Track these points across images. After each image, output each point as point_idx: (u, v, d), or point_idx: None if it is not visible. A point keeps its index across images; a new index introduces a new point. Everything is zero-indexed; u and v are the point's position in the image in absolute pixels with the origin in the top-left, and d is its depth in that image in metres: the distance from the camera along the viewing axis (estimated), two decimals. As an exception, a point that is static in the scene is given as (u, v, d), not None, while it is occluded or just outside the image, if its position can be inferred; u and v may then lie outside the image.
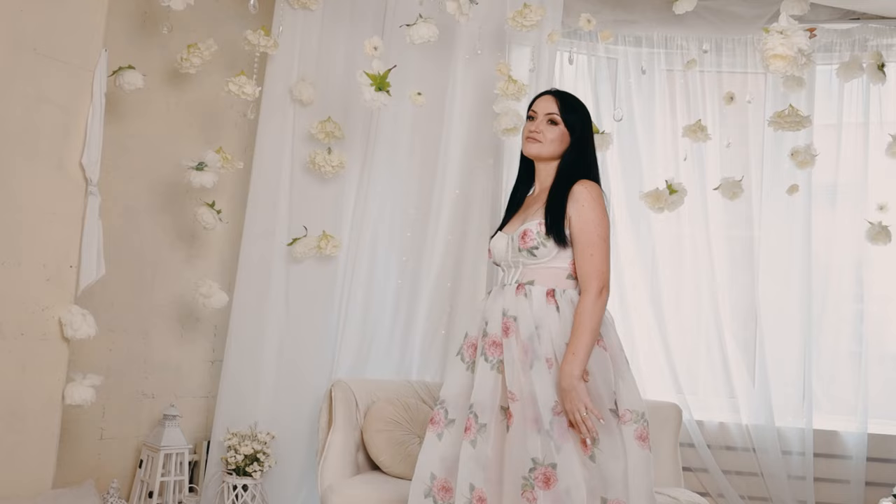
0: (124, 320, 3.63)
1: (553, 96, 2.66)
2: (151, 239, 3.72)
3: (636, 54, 4.38)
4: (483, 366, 2.47)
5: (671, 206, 3.83)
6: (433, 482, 2.46)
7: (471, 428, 2.41)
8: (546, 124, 2.61)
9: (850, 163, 4.28)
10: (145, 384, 3.70)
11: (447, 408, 2.52)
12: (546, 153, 2.61)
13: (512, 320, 2.47)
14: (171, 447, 3.50)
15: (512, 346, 2.44)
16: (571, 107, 2.65)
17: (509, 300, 2.50)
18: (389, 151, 3.83)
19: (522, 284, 2.52)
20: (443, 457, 2.47)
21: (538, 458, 2.33)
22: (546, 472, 2.32)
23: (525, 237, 2.51)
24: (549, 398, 2.38)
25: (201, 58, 3.50)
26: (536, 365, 2.41)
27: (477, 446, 2.40)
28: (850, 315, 4.27)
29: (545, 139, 2.60)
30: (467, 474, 2.38)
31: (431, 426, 2.52)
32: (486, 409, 2.42)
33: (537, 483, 2.31)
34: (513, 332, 2.45)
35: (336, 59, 3.82)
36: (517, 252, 2.53)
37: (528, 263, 2.53)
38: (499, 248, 2.62)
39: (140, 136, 3.68)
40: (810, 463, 4.09)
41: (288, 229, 3.71)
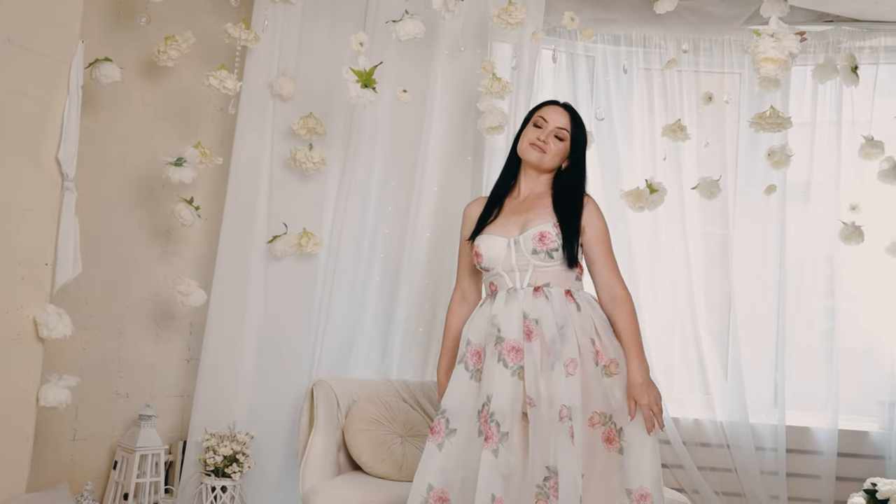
0: (98, 318, 3.55)
1: (566, 111, 2.67)
2: (125, 235, 3.64)
3: (615, 53, 4.39)
4: (502, 372, 2.40)
5: (651, 205, 3.86)
6: (430, 493, 2.39)
7: (492, 437, 2.35)
8: (553, 137, 2.61)
9: (824, 162, 4.34)
10: (119, 383, 3.62)
11: (448, 417, 2.45)
12: (547, 165, 2.63)
13: (534, 323, 2.44)
14: (146, 448, 3.44)
15: (535, 350, 2.41)
16: (580, 125, 2.68)
17: (528, 303, 2.47)
18: (370, 148, 3.79)
19: (540, 287, 2.49)
20: (442, 468, 2.41)
21: (552, 465, 2.33)
22: (557, 482, 2.31)
23: (544, 239, 2.49)
24: (559, 402, 2.36)
25: (179, 50, 3.42)
26: (557, 367, 2.40)
27: (500, 456, 2.34)
28: (822, 312, 4.34)
29: (549, 151, 2.61)
30: (488, 484, 2.32)
31: (432, 436, 2.44)
32: (508, 417, 2.37)
33: (552, 492, 2.31)
34: (536, 336, 2.42)
35: (317, 53, 3.76)
36: (530, 254, 2.50)
37: (542, 266, 2.51)
38: (495, 252, 2.54)
39: (114, 129, 3.59)
40: (783, 459, 4.14)
41: (267, 226, 3.66)
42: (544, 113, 2.65)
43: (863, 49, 4.34)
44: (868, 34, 4.35)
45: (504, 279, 2.53)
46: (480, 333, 2.51)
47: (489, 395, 2.40)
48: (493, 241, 2.55)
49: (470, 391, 2.47)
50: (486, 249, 2.55)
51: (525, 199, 2.64)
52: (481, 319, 2.53)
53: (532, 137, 2.62)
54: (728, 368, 4.29)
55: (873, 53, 4.37)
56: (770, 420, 4.20)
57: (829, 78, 4.03)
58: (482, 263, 2.57)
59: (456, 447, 2.41)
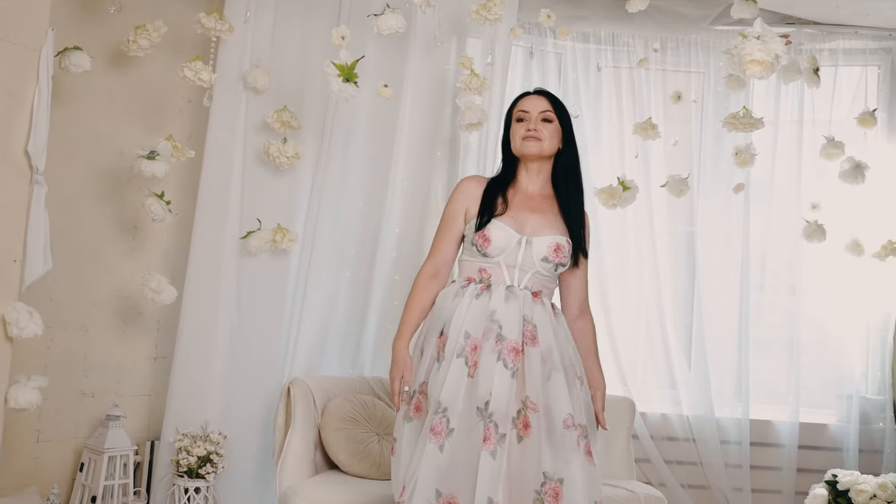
0: (62, 316, 3.44)
1: (542, 95, 2.67)
2: (91, 230, 3.53)
3: (584, 50, 4.42)
4: (502, 372, 2.37)
5: (624, 202, 3.89)
6: (439, 500, 2.31)
7: (490, 438, 2.31)
8: (541, 122, 2.60)
9: (786, 161, 4.44)
10: (85, 383, 3.52)
11: (449, 416, 2.36)
12: (547, 151, 2.61)
13: (534, 328, 2.43)
14: (115, 449, 3.34)
15: (534, 356, 2.40)
16: (560, 105, 2.68)
17: (528, 307, 2.46)
18: (344, 142, 3.74)
19: (538, 293, 2.50)
20: (445, 469, 2.34)
21: (548, 471, 2.32)
22: (555, 488, 2.31)
23: (559, 252, 2.52)
24: (563, 411, 2.37)
25: (150, 40, 3.33)
26: (554, 376, 2.40)
27: (497, 457, 2.31)
28: (784, 308, 4.45)
29: (544, 137, 2.59)
30: (486, 487, 2.28)
31: (433, 437, 2.34)
32: (504, 419, 2.34)
33: (547, 498, 2.30)
34: (536, 342, 2.42)
35: (290, 46, 3.70)
36: (538, 260, 2.50)
37: (543, 274, 2.52)
38: (505, 243, 2.49)
39: (79, 121, 3.48)
40: (746, 451, 4.24)
41: (240, 222, 3.58)
42: (523, 105, 2.65)
43: (822, 51, 4.45)
44: (827, 37, 4.47)
45: (502, 272, 2.50)
46: (478, 327, 2.43)
47: (490, 393, 2.36)
48: (506, 231, 2.51)
49: (465, 386, 2.40)
50: (498, 238, 2.50)
51: (532, 197, 2.61)
52: (478, 312, 2.45)
53: (522, 132, 2.59)
54: (693, 363, 4.36)
55: (832, 56, 4.49)
56: (734, 414, 4.29)
57: (793, 79, 4.11)
58: (487, 249, 2.50)
59: (456, 448, 2.35)
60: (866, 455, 4.23)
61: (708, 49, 4.47)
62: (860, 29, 4.43)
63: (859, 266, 4.27)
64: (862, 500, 3.72)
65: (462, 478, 2.33)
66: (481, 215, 2.55)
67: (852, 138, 4.23)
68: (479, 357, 2.40)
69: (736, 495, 4.21)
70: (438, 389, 2.40)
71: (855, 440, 4.23)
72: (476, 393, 2.38)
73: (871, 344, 4.37)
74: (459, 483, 2.33)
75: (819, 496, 3.86)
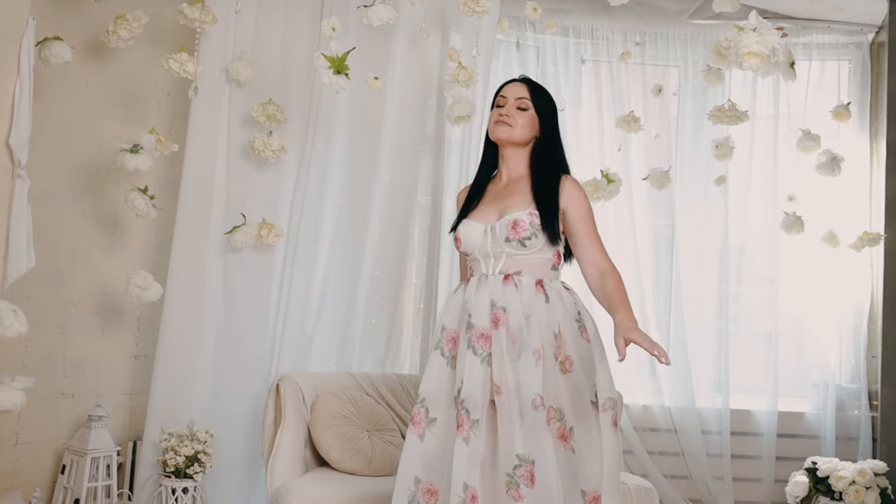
0: (41, 314, 3.34)
1: (523, 83, 2.65)
2: (70, 226, 3.44)
3: (563, 44, 4.43)
4: (472, 359, 2.38)
5: (608, 195, 3.91)
6: (417, 486, 2.34)
7: (463, 425, 2.33)
8: (516, 109, 2.59)
9: (762, 153, 4.49)
10: (64, 383, 3.43)
11: (428, 406, 2.41)
12: (517, 137, 2.58)
13: (501, 311, 2.42)
14: (98, 450, 3.27)
15: (501, 338, 2.39)
16: (540, 94, 2.65)
17: (497, 291, 2.45)
18: (329, 136, 3.69)
19: (510, 275, 2.47)
20: (425, 457, 2.37)
21: (522, 454, 2.30)
22: (530, 469, 2.29)
23: (516, 227, 2.46)
24: (531, 391, 2.34)
25: (130, 31, 3.25)
26: (524, 356, 2.37)
27: (471, 443, 2.32)
28: (761, 299, 4.51)
29: (516, 123, 2.57)
30: (462, 473, 2.29)
31: (413, 426, 2.40)
32: (478, 405, 2.35)
33: (522, 480, 2.28)
34: (503, 324, 2.40)
35: (273, 37, 3.64)
36: (503, 242, 2.48)
37: (515, 254, 2.48)
38: (473, 237, 2.53)
39: (57, 114, 3.39)
40: (727, 441, 4.29)
41: (224, 217, 3.52)
42: (503, 91, 2.66)
43: (797, 45, 4.51)
44: (802, 31, 4.53)
45: (480, 265, 2.53)
46: (454, 319, 2.48)
47: (461, 380, 2.38)
48: (472, 226, 2.55)
49: (446, 378, 2.44)
50: (465, 235, 2.55)
51: (507, 184, 2.62)
52: (454, 305, 2.51)
53: (496, 116, 2.61)
54: (673, 355, 4.39)
55: (806, 50, 4.55)
56: (715, 404, 4.34)
57: (770, 73, 4.16)
58: (461, 248, 2.57)
59: (437, 437, 2.38)
60: (842, 442, 4.31)
61: (686, 43, 4.51)
62: (833, 24, 4.51)
63: (834, 257, 4.35)
64: (841, 486, 3.79)
65: (441, 465, 2.36)
66: (456, 222, 2.62)
67: (826, 132, 4.31)
68: (458, 349, 2.44)
69: (717, 484, 4.26)
70: (421, 383, 2.46)
71: (832, 428, 4.31)
72: (454, 383, 2.42)
73: (845, 333, 4.45)
74: (438, 470, 2.36)
75: (800, 483, 3.93)
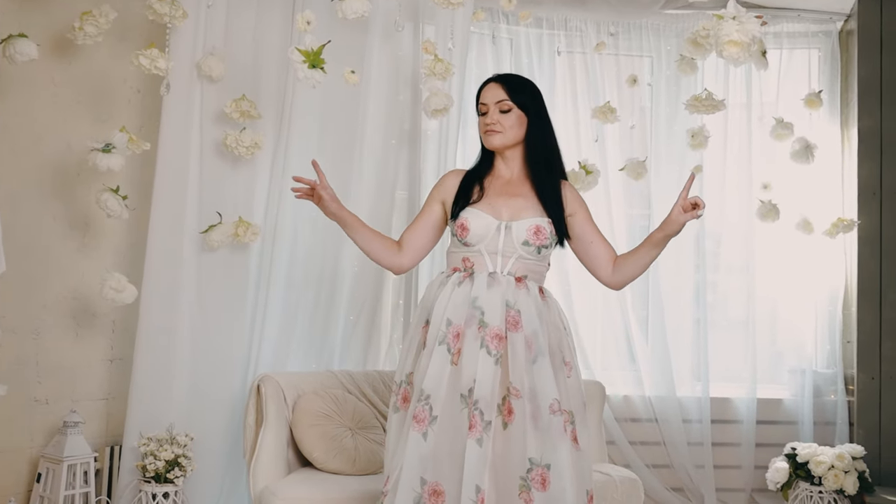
0: (11, 319, 3.26)
1: (497, 83, 2.60)
2: (38, 228, 3.35)
3: (537, 35, 4.41)
4: (486, 359, 2.34)
5: (586, 186, 3.90)
6: (423, 488, 2.30)
7: (476, 426, 2.29)
8: (499, 113, 2.55)
9: (736, 142, 4.52)
10: (38, 389, 3.34)
11: (432, 404, 2.34)
12: (509, 141, 2.57)
13: (517, 313, 2.39)
14: (74, 457, 3.19)
15: (518, 341, 2.37)
16: (519, 87, 2.61)
17: (511, 292, 2.42)
18: (303, 131, 3.64)
19: (522, 278, 2.46)
20: (431, 459, 2.31)
21: (535, 458, 2.30)
22: (542, 473, 2.29)
23: (539, 233, 2.47)
24: (549, 396, 2.34)
25: (97, 27, 3.17)
26: (540, 360, 2.37)
27: (483, 445, 2.29)
28: (738, 287, 4.54)
29: (504, 128, 2.54)
30: (473, 475, 2.26)
31: (416, 424, 2.33)
32: (490, 406, 2.32)
33: (534, 484, 2.27)
34: (520, 327, 2.38)
35: (245, 32, 3.58)
36: (519, 244, 2.46)
37: (526, 258, 2.48)
38: (483, 231, 2.47)
39: (22, 113, 3.30)
40: (707, 429, 4.31)
41: (198, 216, 3.45)
42: (482, 98, 2.62)
43: (767, 35, 4.53)
44: (772, 20, 4.54)
45: (484, 260, 2.48)
46: (460, 314, 2.41)
47: (474, 380, 2.33)
48: (483, 218, 2.49)
49: (448, 374, 2.38)
50: (476, 226, 2.48)
51: (509, 182, 2.58)
52: (461, 299, 2.43)
53: (482, 126, 2.58)
54: (652, 345, 4.42)
55: (777, 39, 4.58)
56: (694, 393, 4.36)
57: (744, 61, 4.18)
58: (466, 237, 2.49)
59: (440, 436, 2.33)
60: (820, 427, 4.35)
61: (658, 33, 4.52)
62: (803, 12, 4.54)
63: (808, 243, 4.39)
64: (821, 471, 3.83)
65: (447, 466, 2.31)
66: (456, 204, 2.55)
67: (798, 120, 4.34)
68: (463, 344, 2.38)
69: (698, 472, 4.28)
70: (421, 377, 2.38)
71: (809, 413, 4.35)
72: (460, 380, 2.36)
73: (820, 319, 4.50)
74: (444, 471, 2.31)
75: (780, 469, 3.96)
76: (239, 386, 3.48)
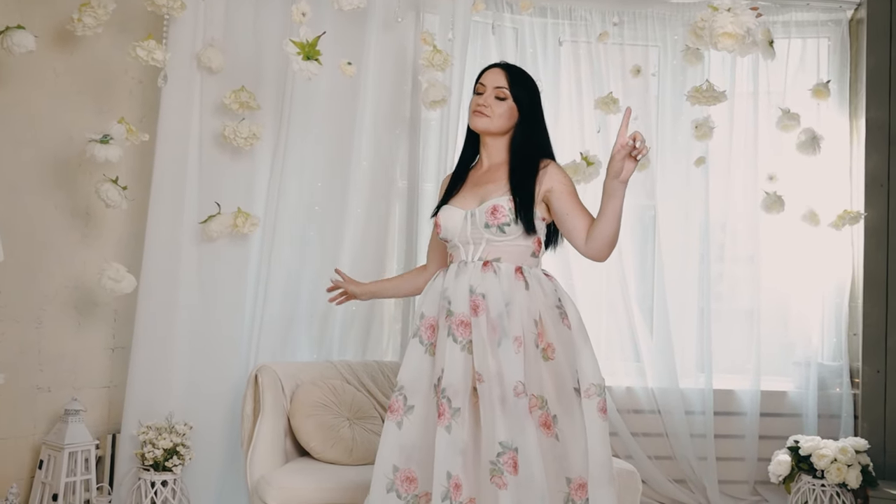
0: (13, 309, 3.30)
1: (502, 70, 2.60)
2: (40, 218, 3.39)
3: (541, 25, 4.38)
4: (452, 347, 2.36)
5: (588, 178, 3.88)
6: (395, 474, 2.34)
7: (444, 413, 2.31)
8: (494, 99, 2.54)
9: (742, 133, 4.47)
10: (40, 377, 3.38)
11: (406, 394, 2.40)
12: (494, 128, 2.55)
13: (480, 298, 2.39)
14: (75, 445, 3.23)
15: (481, 325, 2.36)
16: (520, 81, 2.60)
17: (476, 277, 2.42)
18: (303, 122, 3.64)
19: (489, 262, 2.45)
20: (404, 446, 2.36)
21: (505, 441, 2.28)
22: (513, 457, 2.26)
23: (496, 213, 2.44)
24: (513, 378, 2.32)
25: (96, 18, 3.18)
26: (504, 343, 2.34)
27: (452, 432, 2.30)
28: (743, 279, 4.51)
29: (493, 114, 2.53)
30: (444, 461, 2.28)
31: (390, 414, 2.39)
32: (459, 393, 2.33)
33: (506, 468, 2.26)
34: (482, 311, 2.37)
35: (245, 23, 3.58)
36: (483, 228, 2.45)
37: (495, 240, 2.46)
38: (453, 223, 2.50)
39: (23, 104, 3.33)
40: (710, 421, 4.29)
41: (198, 206, 3.47)
42: (482, 79, 2.61)
43: (776, 24, 4.48)
44: (781, 9, 4.49)
45: (460, 251, 2.51)
46: (433, 306, 2.45)
47: (442, 369, 2.36)
48: (452, 212, 2.52)
49: (425, 365, 2.41)
50: (445, 221, 2.52)
51: (487, 170, 2.59)
52: (434, 292, 2.48)
53: (474, 105, 2.57)
54: (656, 336, 4.40)
55: (785, 28, 4.51)
56: (698, 384, 4.34)
57: (749, 52, 4.13)
58: (441, 234, 2.54)
59: (415, 424, 2.37)
60: (825, 420, 4.32)
61: (665, 22, 4.47)
62: (812, 1, 4.47)
63: (815, 235, 4.34)
64: (823, 464, 3.80)
65: (420, 453, 2.35)
66: (437, 208, 2.59)
67: (806, 110, 4.29)
68: (437, 336, 2.42)
69: (700, 464, 4.26)
70: (399, 371, 2.44)
71: (814, 406, 4.31)
72: (433, 371, 2.40)
73: (826, 311, 4.45)
74: (417, 458, 2.35)
75: (782, 462, 3.94)
76: (238, 376, 3.50)
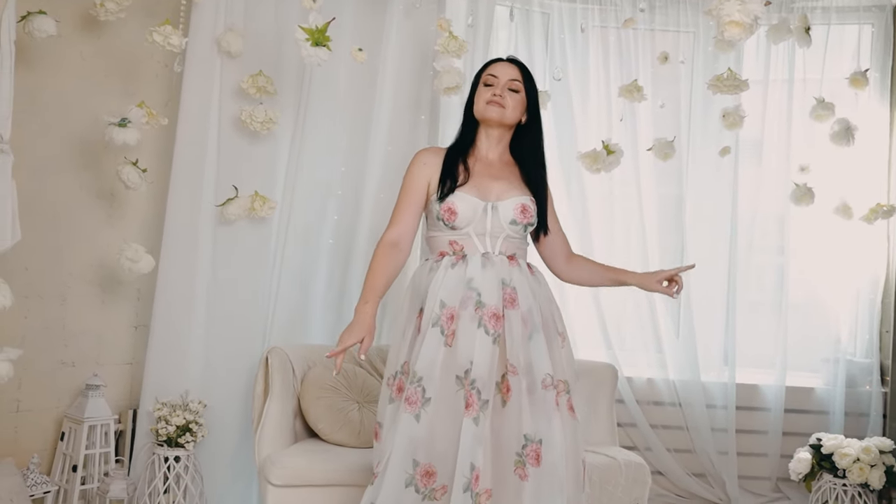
0: (39, 286, 3.41)
1: (514, 64, 2.66)
2: (66, 199, 3.49)
3: (570, 10, 4.32)
4: (483, 339, 2.36)
5: (608, 166, 3.84)
6: (416, 469, 2.31)
7: (473, 405, 2.30)
8: (508, 91, 2.58)
9: (775, 122, 4.36)
10: (64, 352, 3.50)
11: (425, 386, 2.35)
12: (508, 119, 2.59)
13: (513, 291, 2.43)
14: (95, 419, 3.34)
15: (514, 319, 2.40)
16: (531, 78, 2.67)
17: (506, 271, 2.46)
18: (323, 107, 3.68)
19: (513, 257, 2.51)
20: (421, 439, 2.33)
21: (530, 433, 2.33)
22: (536, 449, 2.32)
23: (525, 212, 2.53)
24: (542, 371, 2.39)
25: (118, 4, 3.24)
26: (535, 337, 2.42)
27: (480, 423, 2.31)
28: (772, 272, 4.41)
29: (507, 105, 2.57)
30: (468, 453, 2.28)
31: (408, 406, 2.33)
32: (487, 386, 2.34)
33: (528, 460, 2.31)
34: (516, 304, 2.42)
35: (265, 8, 3.61)
36: (507, 224, 2.50)
37: (513, 237, 2.53)
38: (470, 213, 2.48)
39: (51, 88, 3.41)
40: (732, 416, 4.23)
41: (216, 189, 3.53)
42: (493, 70, 2.63)
43: (815, 10, 4.34)
44: (822, -7, 4.36)
45: (473, 242, 2.49)
46: (455, 296, 2.42)
47: (471, 361, 2.35)
48: (470, 201, 2.50)
49: (442, 356, 2.38)
50: (464, 209, 2.49)
51: (493, 164, 2.61)
52: (455, 281, 2.44)
53: (487, 96, 2.57)
54: (680, 327, 4.34)
55: (825, 14, 4.38)
56: (721, 378, 4.28)
57: (783, 39, 4.01)
58: (454, 221, 2.49)
59: (434, 417, 2.34)
60: (852, 418, 4.23)
61: (697, 8, 4.37)
62: (855, -14, 4.33)
63: (848, 229, 4.23)
64: (845, 463, 3.73)
65: (441, 446, 2.33)
66: (443, 186, 2.54)
67: (844, 99, 4.16)
68: (458, 326, 2.39)
69: (721, 459, 4.21)
70: (415, 361, 2.39)
71: (841, 403, 4.22)
72: (455, 362, 2.37)
73: (859, 307, 4.34)
74: (438, 451, 2.33)
75: (802, 460, 3.86)
76: (254, 357, 3.56)
